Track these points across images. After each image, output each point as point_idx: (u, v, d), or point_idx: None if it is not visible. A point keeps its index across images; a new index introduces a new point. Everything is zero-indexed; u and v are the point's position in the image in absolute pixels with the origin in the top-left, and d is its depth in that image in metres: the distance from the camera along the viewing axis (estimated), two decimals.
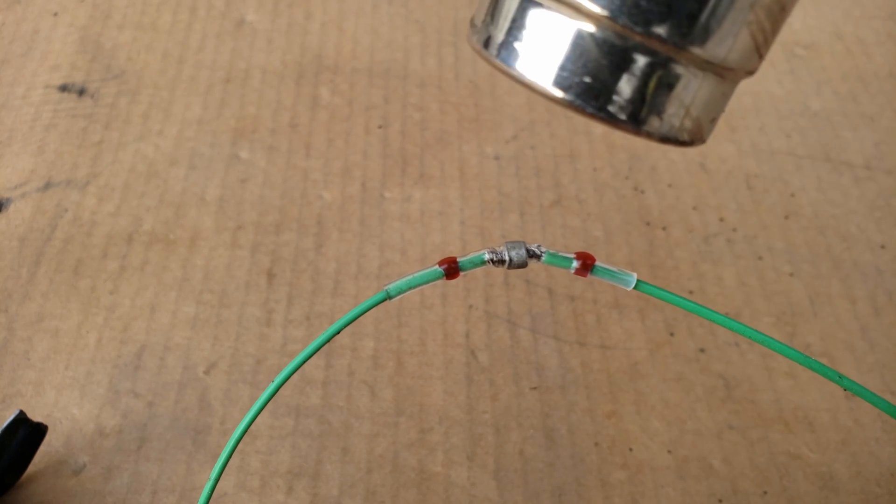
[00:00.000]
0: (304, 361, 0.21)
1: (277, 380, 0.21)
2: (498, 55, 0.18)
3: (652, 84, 0.17)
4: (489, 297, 0.36)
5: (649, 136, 0.17)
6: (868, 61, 0.45)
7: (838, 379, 0.19)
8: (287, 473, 0.31)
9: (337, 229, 0.37)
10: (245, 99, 0.42)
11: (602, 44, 0.16)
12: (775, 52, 0.46)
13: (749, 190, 0.40)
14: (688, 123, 0.17)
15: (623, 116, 0.17)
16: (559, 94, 0.17)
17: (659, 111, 0.17)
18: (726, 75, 0.18)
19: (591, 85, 0.17)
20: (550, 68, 0.17)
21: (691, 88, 0.17)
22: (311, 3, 0.46)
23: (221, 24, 0.45)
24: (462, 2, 0.47)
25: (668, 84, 0.17)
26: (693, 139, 0.18)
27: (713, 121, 0.18)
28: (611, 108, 0.17)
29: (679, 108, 0.17)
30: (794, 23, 0.47)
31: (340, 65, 0.44)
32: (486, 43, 0.18)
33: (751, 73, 0.18)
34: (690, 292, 0.36)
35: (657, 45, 0.16)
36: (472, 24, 0.19)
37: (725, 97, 0.18)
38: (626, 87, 0.17)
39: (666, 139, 0.17)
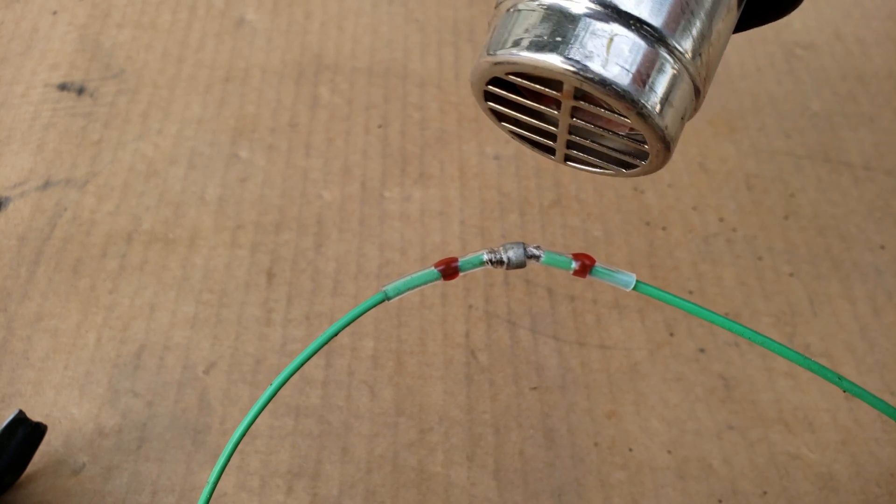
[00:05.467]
0: (302, 363, 0.21)
1: (276, 382, 0.21)
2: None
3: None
4: (489, 297, 0.36)
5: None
6: (868, 62, 0.45)
7: (838, 380, 0.19)
8: (287, 473, 0.31)
9: (336, 229, 0.37)
10: (244, 98, 0.42)
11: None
12: (775, 53, 0.46)
13: (749, 190, 0.40)
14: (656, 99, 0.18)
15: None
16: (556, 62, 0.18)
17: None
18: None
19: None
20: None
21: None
22: (310, 3, 0.46)
23: (221, 23, 0.45)
24: (462, 2, 0.47)
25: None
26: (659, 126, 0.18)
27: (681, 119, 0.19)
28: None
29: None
30: (794, 23, 0.47)
31: (340, 64, 0.44)
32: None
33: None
34: (690, 292, 0.36)
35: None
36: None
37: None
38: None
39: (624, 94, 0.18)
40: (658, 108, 0.18)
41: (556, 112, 0.20)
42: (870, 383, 0.34)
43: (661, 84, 0.18)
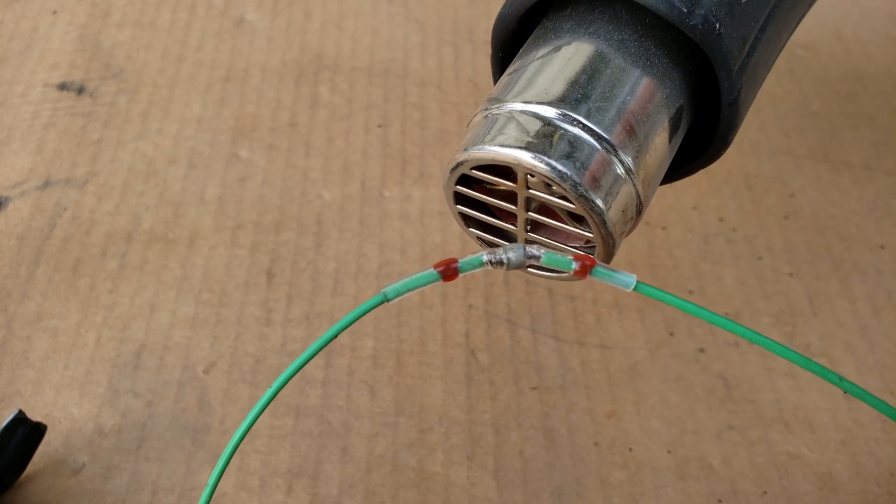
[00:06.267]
0: (301, 366, 0.20)
1: (275, 385, 0.21)
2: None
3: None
4: (489, 297, 0.36)
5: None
6: (867, 61, 0.45)
7: (839, 381, 0.19)
8: (287, 473, 0.31)
9: (336, 228, 0.37)
10: (244, 98, 0.42)
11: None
12: None
13: (749, 190, 0.40)
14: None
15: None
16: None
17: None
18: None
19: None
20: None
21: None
22: (310, 2, 0.46)
23: (221, 22, 0.45)
24: (462, 2, 0.47)
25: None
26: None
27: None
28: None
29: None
30: None
31: (340, 64, 0.44)
32: None
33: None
34: (690, 292, 0.36)
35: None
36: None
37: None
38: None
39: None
40: (602, 196, 0.21)
41: (514, 207, 0.23)
42: (870, 383, 0.34)
43: (607, 179, 0.21)
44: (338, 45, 0.44)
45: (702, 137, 0.25)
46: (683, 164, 0.26)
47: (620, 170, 0.21)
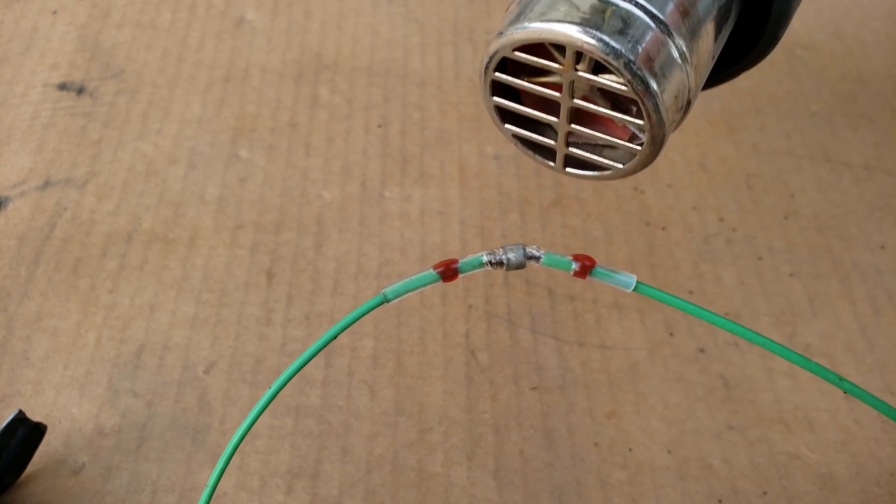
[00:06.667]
0: (301, 366, 0.21)
1: (275, 385, 0.21)
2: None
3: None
4: (489, 297, 0.36)
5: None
6: (867, 62, 0.45)
7: (839, 382, 0.19)
8: (287, 473, 0.31)
9: (336, 229, 0.37)
10: (244, 98, 0.42)
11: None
12: (775, 53, 0.45)
13: (749, 190, 0.40)
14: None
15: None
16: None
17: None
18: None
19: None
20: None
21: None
22: (310, 2, 0.46)
23: (221, 22, 0.45)
24: (462, 2, 0.47)
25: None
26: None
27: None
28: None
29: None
30: (794, 23, 0.47)
31: (340, 64, 0.44)
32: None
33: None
34: (690, 292, 0.36)
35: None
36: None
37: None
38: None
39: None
40: (656, 78, 0.19)
41: (558, 95, 0.21)
42: (870, 383, 0.34)
43: (662, 61, 0.20)
44: (338, 45, 0.44)
45: (744, 41, 0.24)
46: (725, 67, 0.25)
47: (675, 53, 0.20)
